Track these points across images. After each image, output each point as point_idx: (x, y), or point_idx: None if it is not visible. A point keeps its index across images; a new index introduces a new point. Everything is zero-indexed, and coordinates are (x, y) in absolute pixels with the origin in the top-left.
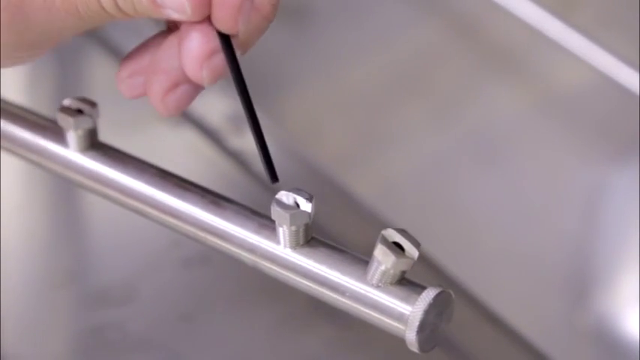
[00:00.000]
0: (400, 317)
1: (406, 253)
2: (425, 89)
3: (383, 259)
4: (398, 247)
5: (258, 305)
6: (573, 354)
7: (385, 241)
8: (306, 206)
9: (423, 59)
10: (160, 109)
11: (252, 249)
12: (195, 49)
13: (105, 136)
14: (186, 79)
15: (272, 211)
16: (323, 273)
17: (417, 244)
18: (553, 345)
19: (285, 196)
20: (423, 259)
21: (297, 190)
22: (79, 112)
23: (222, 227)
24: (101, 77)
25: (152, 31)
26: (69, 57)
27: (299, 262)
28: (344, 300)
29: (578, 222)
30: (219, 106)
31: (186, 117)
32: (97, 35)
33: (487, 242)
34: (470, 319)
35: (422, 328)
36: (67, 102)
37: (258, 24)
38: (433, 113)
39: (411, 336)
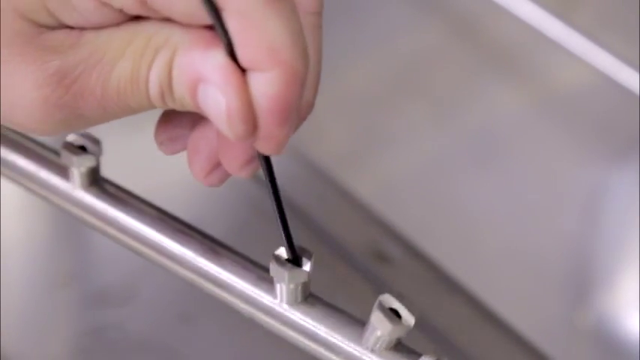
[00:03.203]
0: None
1: (402, 321)
2: (425, 89)
3: (379, 325)
4: (394, 314)
5: None
6: (573, 354)
7: (382, 308)
8: (304, 264)
9: (424, 59)
10: (203, 183)
11: (249, 301)
12: (235, 157)
13: (106, 137)
14: None
15: (270, 268)
16: (319, 332)
17: (413, 311)
18: (553, 345)
19: (285, 253)
20: (423, 258)
21: (297, 248)
22: (82, 149)
23: (220, 276)
24: None
25: None
26: None
27: (296, 319)
28: None
29: (578, 222)
30: None
31: None
32: None
33: (487, 242)
34: (470, 319)
35: None
36: (70, 138)
37: (296, 127)
38: (433, 113)
39: None
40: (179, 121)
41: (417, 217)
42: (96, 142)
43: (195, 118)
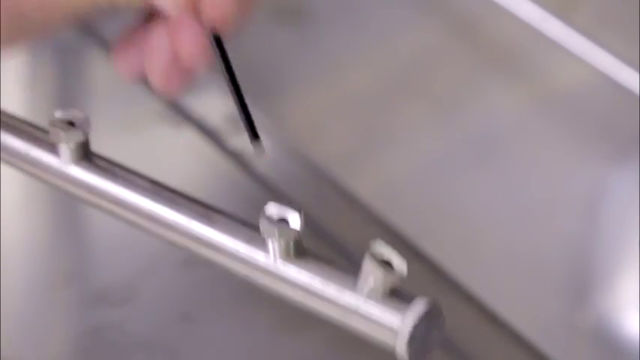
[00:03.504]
0: (390, 330)
1: (395, 269)
2: (425, 89)
3: (371, 274)
4: (386, 263)
5: (258, 305)
6: (573, 354)
7: (373, 256)
8: (294, 220)
9: (423, 59)
10: (164, 89)
11: (243, 261)
12: (188, 42)
13: (105, 136)
14: None
15: (260, 226)
16: (314, 285)
17: (405, 258)
18: (553, 345)
19: (274, 209)
20: (423, 258)
21: (285, 205)
22: (70, 124)
23: (213, 239)
24: (101, 77)
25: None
26: (69, 57)
27: (290, 275)
28: (334, 313)
29: (578, 222)
30: (219, 106)
31: (187, 117)
32: (97, 35)
33: (487, 242)
34: (470, 319)
35: (412, 341)
36: (58, 114)
37: (247, 13)
38: (433, 113)
39: (401, 349)
40: (132, 42)
41: (417, 217)
42: (84, 116)
43: (147, 28)
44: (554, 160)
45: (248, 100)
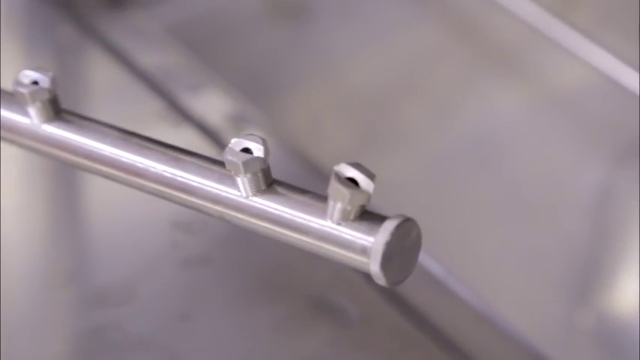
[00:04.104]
0: (363, 251)
1: (361, 188)
2: (425, 89)
3: (338, 197)
4: (352, 182)
5: (258, 305)
6: (573, 354)
7: (338, 178)
8: (258, 151)
9: (424, 59)
10: None
11: (216, 200)
12: None
13: None
14: None
15: (225, 161)
16: (286, 215)
17: (371, 176)
18: (553, 345)
19: (237, 144)
20: (422, 258)
21: (249, 136)
22: (35, 84)
23: (185, 181)
24: (101, 77)
25: (153, 31)
26: (69, 57)
27: (262, 208)
28: (309, 240)
29: (578, 222)
30: (219, 106)
31: (186, 117)
32: (96, 35)
33: (487, 242)
34: (470, 319)
35: (386, 260)
36: (21, 75)
37: None
38: (433, 113)
39: (375, 268)
40: None
41: (417, 217)
42: (50, 75)
43: None
44: (554, 160)
45: (248, 100)
